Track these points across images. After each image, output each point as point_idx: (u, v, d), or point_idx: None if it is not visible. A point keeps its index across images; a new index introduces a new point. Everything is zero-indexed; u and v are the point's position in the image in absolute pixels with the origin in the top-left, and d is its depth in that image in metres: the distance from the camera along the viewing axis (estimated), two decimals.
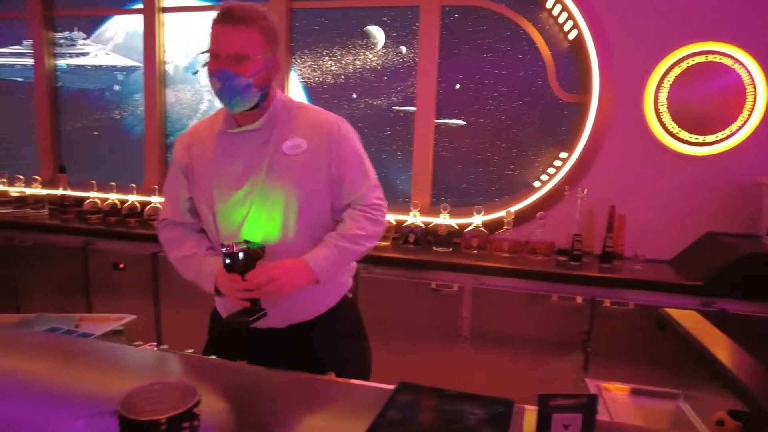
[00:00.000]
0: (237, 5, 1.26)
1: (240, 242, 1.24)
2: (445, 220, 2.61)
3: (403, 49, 2.86)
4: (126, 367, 1.16)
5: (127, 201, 3.04)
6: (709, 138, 2.44)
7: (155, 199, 3.02)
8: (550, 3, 2.57)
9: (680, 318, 1.44)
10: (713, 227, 2.45)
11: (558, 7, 2.56)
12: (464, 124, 2.80)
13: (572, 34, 2.57)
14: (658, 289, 2.20)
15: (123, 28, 3.42)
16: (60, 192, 3.17)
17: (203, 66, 1.32)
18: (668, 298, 2.17)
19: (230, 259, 1.20)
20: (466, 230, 2.60)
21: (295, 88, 3.07)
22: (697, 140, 2.45)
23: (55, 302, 2.97)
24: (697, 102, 2.44)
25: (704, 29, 2.40)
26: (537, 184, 2.70)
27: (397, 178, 2.93)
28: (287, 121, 1.37)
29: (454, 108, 2.80)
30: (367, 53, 2.91)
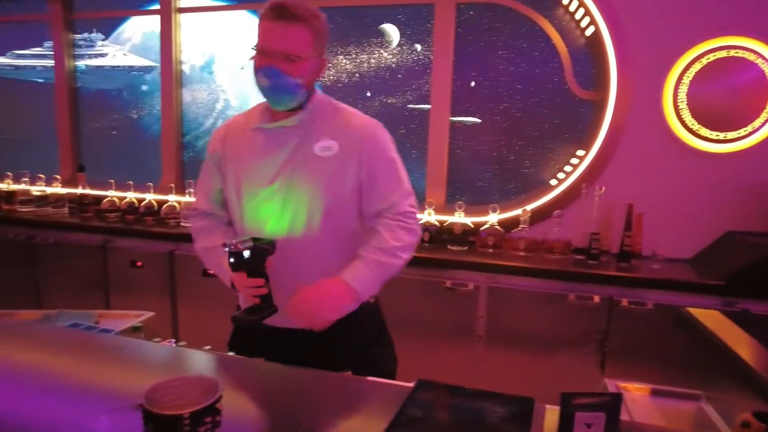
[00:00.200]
0: (290, 1, 1.24)
1: (246, 239, 1.22)
2: (460, 218, 2.60)
3: (418, 46, 2.85)
4: (147, 363, 1.17)
5: (145, 199, 3.08)
6: (731, 135, 2.39)
7: (172, 198, 3.05)
8: None
9: (702, 318, 1.42)
10: (734, 226, 2.40)
11: (575, 3, 2.54)
12: (479, 121, 2.79)
13: (589, 31, 2.54)
14: (678, 289, 2.17)
15: (140, 28, 3.46)
16: (79, 191, 3.23)
17: (250, 59, 1.30)
18: (688, 298, 2.13)
19: (234, 258, 1.18)
20: (482, 229, 2.58)
21: None
22: (717, 137, 2.41)
23: (75, 299, 3.02)
24: (719, 98, 2.40)
25: (726, 23, 2.35)
26: (554, 182, 2.68)
27: (411, 177, 2.88)
28: (322, 122, 1.35)
29: (469, 106, 2.79)
30: (381, 51, 2.91)
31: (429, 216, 2.65)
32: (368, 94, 2.94)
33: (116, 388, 1.03)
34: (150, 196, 3.08)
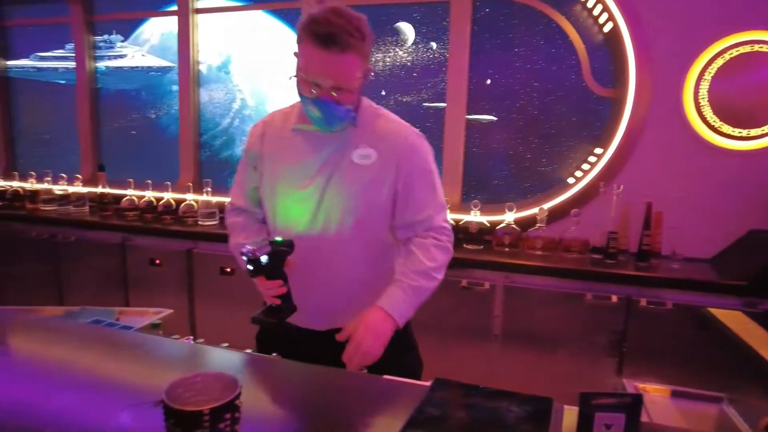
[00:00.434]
0: (337, 25, 1.16)
1: (262, 243, 1.21)
2: (476, 217, 2.59)
3: (434, 44, 2.84)
4: (166, 360, 1.19)
5: (163, 198, 3.12)
6: (754, 132, 2.34)
7: (190, 197, 3.09)
8: None
9: (724, 318, 1.39)
10: (757, 225, 2.35)
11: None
12: (495, 119, 2.77)
13: (607, 27, 2.50)
14: (699, 289, 2.13)
15: (158, 29, 3.50)
16: (99, 190, 3.28)
17: (293, 77, 1.27)
18: (709, 298, 2.09)
19: (252, 265, 1.18)
20: (498, 227, 2.57)
21: None
22: (740, 134, 2.36)
23: (96, 295, 3.08)
24: (742, 94, 2.35)
25: (749, 18, 2.30)
26: (571, 180, 2.65)
27: None
28: (362, 128, 1.33)
29: (485, 104, 2.77)
30: (397, 50, 2.91)
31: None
32: (383, 92, 2.94)
33: (137, 383, 1.04)
34: (168, 195, 3.12)
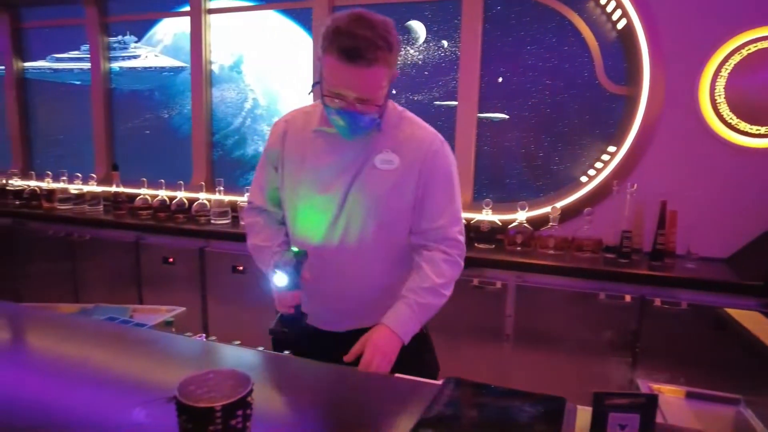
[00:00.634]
0: (363, 38, 1.13)
1: (286, 257, 1.21)
2: (487, 216, 2.57)
3: (445, 43, 2.83)
4: (179, 357, 1.20)
5: (176, 197, 3.14)
6: None
7: (202, 196, 3.11)
8: None
9: (742, 319, 1.37)
10: None
11: None
12: (507, 118, 2.75)
13: (621, 24, 2.47)
14: (714, 289, 2.10)
15: (171, 30, 3.53)
16: (113, 189, 3.32)
17: (315, 85, 1.25)
18: (725, 299, 2.06)
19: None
20: (510, 227, 2.55)
21: None
22: (758, 131, 2.32)
23: (110, 293, 3.12)
24: (760, 91, 2.31)
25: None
26: (584, 179, 2.62)
27: None
28: (386, 132, 1.30)
29: (497, 102, 2.75)
30: (408, 48, 2.90)
31: None
32: (394, 91, 2.94)
33: (150, 380, 1.05)
34: (181, 194, 3.15)
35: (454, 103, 2.82)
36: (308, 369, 1.15)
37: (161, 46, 3.58)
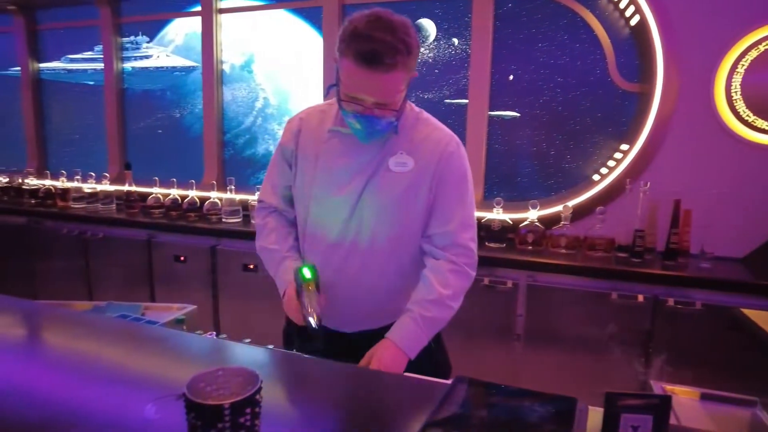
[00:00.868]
0: (382, 42, 1.10)
1: (306, 277, 1.20)
2: (498, 215, 2.56)
3: (455, 41, 2.82)
4: (190, 354, 1.21)
5: (187, 196, 3.17)
6: None
7: (214, 195, 3.13)
8: None
9: (758, 319, 1.34)
10: None
11: None
12: (518, 116, 2.73)
13: (634, 20, 2.44)
14: (730, 289, 2.07)
15: (182, 30, 3.56)
16: (126, 188, 3.36)
17: (333, 86, 1.25)
18: (740, 299, 2.03)
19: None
20: (521, 225, 2.53)
21: None
22: None
23: (123, 291, 3.15)
24: None
25: None
26: (596, 177, 2.60)
27: None
28: (402, 134, 1.28)
29: (508, 100, 2.74)
30: None
31: None
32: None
33: (161, 377, 1.06)
34: (192, 193, 3.17)
35: (465, 101, 2.81)
36: (318, 367, 1.15)
37: (173, 45, 3.61)
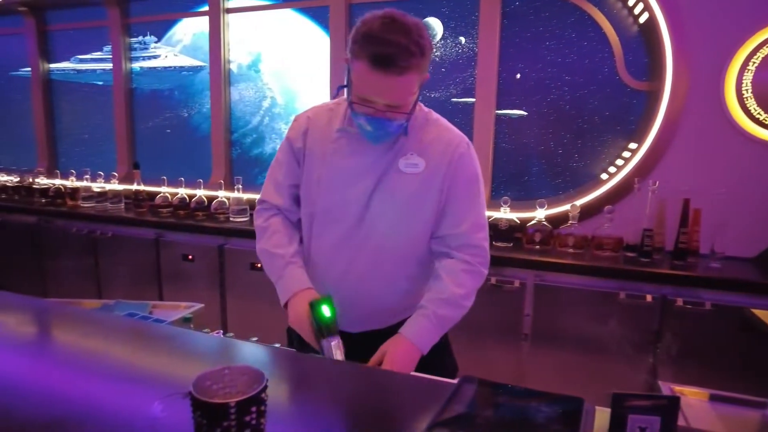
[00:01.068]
0: (397, 44, 1.09)
1: (325, 316, 1.18)
2: (505, 214, 2.55)
3: (462, 39, 2.81)
4: (196, 352, 1.21)
5: (195, 195, 3.18)
6: None
7: (221, 194, 3.15)
8: None
9: None
10: None
11: None
12: (526, 114, 2.72)
13: (643, 17, 2.42)
14: (740, 289, 2.04)
15: (190, 30, 3.58)
16: (134, 187, 3.38)
17: (343, 87, 1.24)
18: (750, 299, 2.01)
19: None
20: (529, 225, 2.52)
21: None
22: None
23: (131, 289, 3.18)
24: None
25: None
26: (604, 176, 2.58)
27: None
28: (412, 135, 1.27)
29: (515, 98, 2.72)
30: None
31: None
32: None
33: (168, 375, 1.07)
34: (200, 192, 3.19)
35: (472, 99, 2.80)
36: (324, 366, 1.15)
37: (180, 45, 3.63)
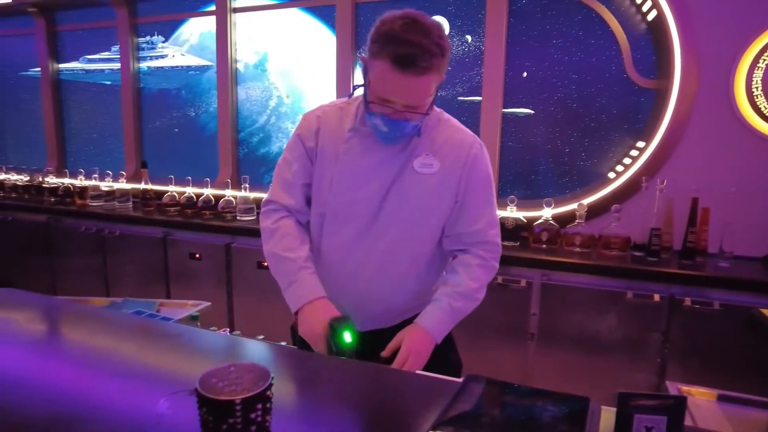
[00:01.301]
0: (418, 45, 1.09)
1: (346, 342, 1.17)
2: (512, 213, 2.54)
3: (469, 38, 2.80)
4: (203, 350, 1.22)
5: (202, 194, 3.20)
6: None
7: (228, 193, 3.16)
8: None
9: None
10: None
11: None
12: (532, 113, 2.71)
13: (651, 15, 2.40)
14: (748, 288, 2.02)
15: (197, 29, 3.59)
16: (142, 186, 3.40)
17: (359, 87, 1.24)
18: (760, 299, 1.99)
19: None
20: (535, 224, 2.51)
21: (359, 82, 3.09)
22: None
23: (139, 287, 3.20)
24: None
25: None
26: (612, 175, 2.56)
27: None
28: (424, 135, 1.27)
29: (522, 97, 2.71)
30: None
31: None
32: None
33: (174, 372, 1.07)
34: (207, 191, 3.21)
35: (479, 98, 2.79)
36: (329, 364, 1.15)
37: (188, 45, 3.65)
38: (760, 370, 1.74)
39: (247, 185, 3.06)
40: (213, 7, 3.43)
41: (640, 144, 2.48)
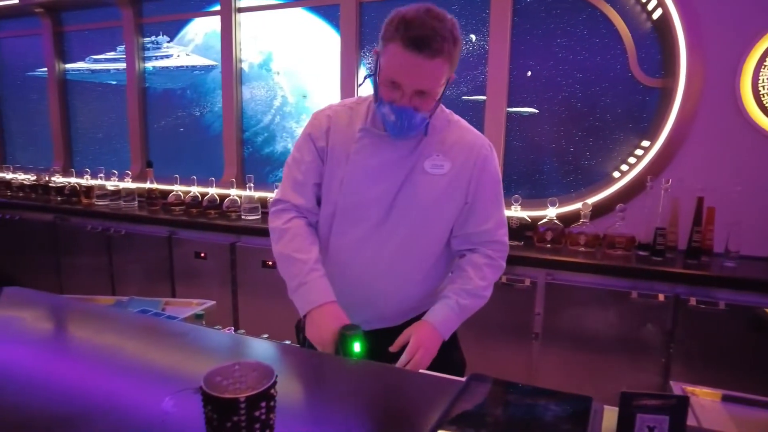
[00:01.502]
0: (431, 27, 1.11)
1: (355, 352, 1.17)
2: (516, 212, 2.53)
3: (473, 37, 2.80)
4: (208, 349, 1.23)
5: (207, 194, 3.21)
6: None
7: (233, 192, 3.17)
8: None
9: None
10: None
11: None
12: (537, 112, 2.70)
13: (656, 13, 2.39)
14: (754, 288, 2.01)
15: (202, 29, 3.61)
16: (147, 185, 3.42)
17: (368, 77, 1.24)
18: (766, 299, 1.98)
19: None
20: (540, 223, 2.51)
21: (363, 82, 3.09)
22: None
23: (144, 286, 3.22)
24: None
25: None
26: (616, 174, 2.56)
27: None
28: (434, 136, 1.28)
29: (526, 96, 2.71)
30: None
31: None
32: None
33: (179, 371, 1.08)
34: (212, 191, 3.22)
35: (483, 97, 2.79)
36: (333, 363, 1.16)
37: (192, 45, 3.66)
38: (766, 370, 1.73)
39: (252, 185, 3.07)
40: (218, 7, 3.44)
41: (645, 143, 2.48)
